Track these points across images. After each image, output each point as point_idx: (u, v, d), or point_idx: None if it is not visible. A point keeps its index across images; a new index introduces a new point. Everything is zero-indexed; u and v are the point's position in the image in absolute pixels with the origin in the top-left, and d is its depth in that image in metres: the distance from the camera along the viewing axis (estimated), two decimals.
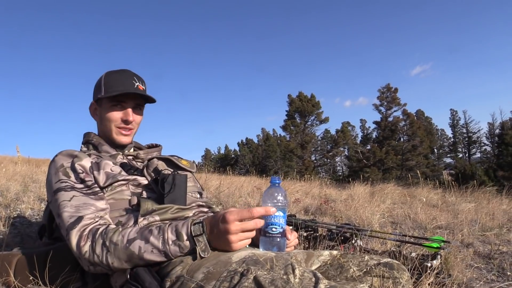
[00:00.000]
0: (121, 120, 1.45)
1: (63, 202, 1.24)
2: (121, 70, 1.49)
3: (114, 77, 1.46)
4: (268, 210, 1.12)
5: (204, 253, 1.07)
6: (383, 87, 27.99)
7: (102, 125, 1.49)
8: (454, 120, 48.42)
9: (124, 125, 1.46)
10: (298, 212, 3.91)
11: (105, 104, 1.45)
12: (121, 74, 1.47)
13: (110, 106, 1.45)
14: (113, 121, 1.45)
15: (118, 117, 1.45)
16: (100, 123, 1.50)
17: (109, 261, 1.13)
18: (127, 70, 1.50)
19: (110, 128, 1.46)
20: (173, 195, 1.31)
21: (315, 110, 29.34)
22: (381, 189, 6.38)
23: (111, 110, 1.44)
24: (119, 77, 1.45)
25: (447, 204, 5.16)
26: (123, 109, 1.45)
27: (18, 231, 2.20)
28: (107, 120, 1.45)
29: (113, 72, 1.48)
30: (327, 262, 1.24)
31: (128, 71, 1.49)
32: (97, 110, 1.50)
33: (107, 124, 1.46)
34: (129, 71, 1.50)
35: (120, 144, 1.49)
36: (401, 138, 28.31)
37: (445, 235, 3.15)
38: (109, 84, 1.44)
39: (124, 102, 1.45)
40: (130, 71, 1.50)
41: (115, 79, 1.45)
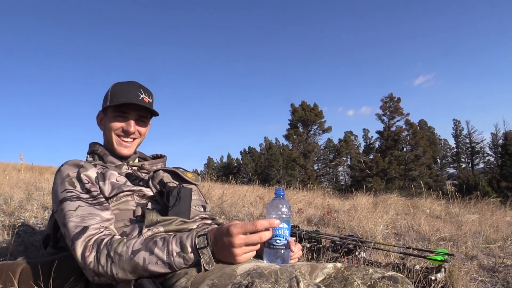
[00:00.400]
0: (122, 129, 1.47)
1: (69, 212, 1.24)
2: (129, 82, 1.52)
3: (120, 88, 1.48)
4: (272, 223, 1.12)
5: (209, 266, 1.07)
6: (386, 97, 28.01)
7: (105, 135, 1.51)
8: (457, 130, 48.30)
9: (125, 135, 1.48)
10: (301, 223, 3.90)
11: (110, 113, 1.48)
12: (127, 85, 1.49)
13: (114, 116, 1.47)
14: (113, 129, 1.47)
15: (119, 127, 1.47)
16: (104, 132, 1.52)
17: (114, 272, 1.13)
18: (134, 82, 1.52)
19: (112, 137, 1.48)
20: (178, 209, 1.31)
21: (318, 119, 29.35)
22: (384, 200, 6.36)
23: (114, 120, 1.47)
24: (125, 88, 1.47)
25: (450, 216, 5.13)
26: (126, 120, 1.48)
27: (22, 239, 2.20)
28: (109, 129, 1.48)
29: (120, 83, 1.50)
30: (331, 275, 1.23)
31: (135, 83, 1.52)
32: (103, 120, 1.52)
33: (109, 134, 1.48)
34: (136, 83, 1.52)
35: (121, 155, 1.50)
36: (404, 148, 28.24)
37: (449, 247, 3.14)
38: (115, 94, 1.46)
39: (127, 113, 1.47)
40: (137, 83, 1.52)
41: (121, 90, 1.47)
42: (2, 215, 2.81)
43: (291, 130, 29.65)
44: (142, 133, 1.53)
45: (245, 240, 1.08)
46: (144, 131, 1.54)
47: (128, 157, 1.53)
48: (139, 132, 1.52)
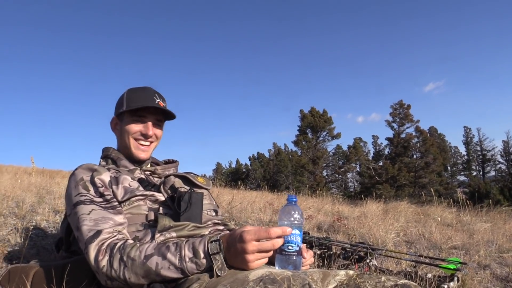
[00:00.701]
0: (141, 133, 1.49)
1: (82, 215, 1.25)
2: (143, 87, 1.54)
3: (136, 93, 1.50)
4: (285, 231, 1.11)
5: (221, 272, 1.07)
6: (395, 104, 27.88)
7: (121, 140, 1.52)
8: (468, 137, 47.87)
9: (143, 139, 1.50)
10: (311, 229, 3.89)
11: (126, 118, 1.49)
12: (143, 91, 1.51)
13: (131, 120, 1.49)
14: (132, 133, 1.48)
15: (137, 130, 1.49)
16: (120, 137, 1.53)
17: (127, 276, 1.13)
18: (149, 87, 1.54)
19: (129, 141, 1.49)
20: (189, 214, 1.32)
21: (327, 125, 29.29)
22: (394, 207, 6.31)
23: (133, 125, 1.49)
24: (141, 93, 1.50)
25: (462, 224, 5.07)
26: (144, 123, 1.49)
27: (34, 243, 2.22)
28: (126, 133, 1.49)
29: (135, 89, 1.52)
30: (343, 282, 1.22)
31: (150, 88, 1.54)
32: (118, 124, 1.54)
33: (126, 138, 1.49)
34: (151, 88, 1.54)
35: (138, 159, 1.51)
36: (414, 155, 28.03)
37: (461, 256, 3.10)
38: (131, 99, 1.48)
39: (144, 117, 1.49)
40: (151, 88, 1.55)
41: (137, 95, 1.49)
42: (14, 218, 2.84)
43: (300, 136, 29.62)
44: (159, 136, 1.55)
45: (258, 246, 1.08)
46: (160, 134, 1.56)
47: (144, 161, 1.54)
48: (156, 135, 1.54)
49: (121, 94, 1.54)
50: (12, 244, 2.19)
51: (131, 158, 1.51)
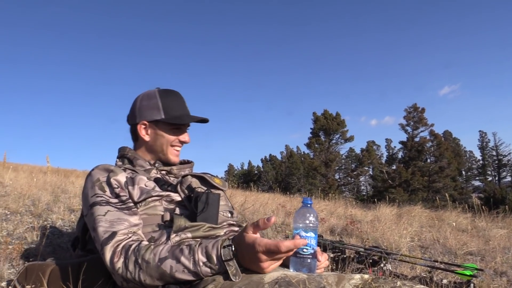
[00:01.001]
0: (179, 141, 1.54)
1: (98, 216, 1.26)
2: (173, 92, 1.57)
3: (170, 100, 1.53)
4: (298, 244, 1.09)
5: (235, 278, 1.06)
6: (409, 107, 27.59)
7: (154, 144, 1.53)
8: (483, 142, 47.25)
9: (179, 145, 1.55)
10: (324, 232, 3.86)
11: (164, 126, 1.52)
12: (176, 97, 1.56)
13: (170, 128, 1.52)
14: (171, 141, 1.53)
15: (175, 138, 1.53)
16: (153, 142, 1.54)
17: (142, 278, 1.14)
18: (177, 93, 1.58)
19: (166, 148, 1.53)
20: (206, 214, 1.32)
21: (340, 128, 29.13)
22: (408, 211, 6.23)
23: (172, 133, 1.53)
24: (176, 101, 1.54)
25: (477, 230, 4.99)
26: (182, 132, 1.55)
27: (50, 241, 2.24)
28: (165, 140, 1.52)
29: (166, 94, 1.54)
30: (358, 286, 1.21)
31: (179, 94, 1.58)
32: (149, 129, 1.54)
33: (163, 144, 1.52)
34: (179, 94, 1.58)
35: (173, 163, 1.55)
36: (427, 159, 27.72)
37: (477, 262, 3.05)
38: (169, 107, 1.51)
39: (182, 126, 1.55)
40: (179, 93, 1.58)
41: (173, 103, 1.53)
42: (31, 217, 2.88)
43: (312, 139, 29.49)
44: None
45: (271, 257, 1.06)
46: None
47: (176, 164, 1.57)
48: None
49: (149, 97, 1.53)
50: (28, 242, 2.22)
51: (161, 160, 1.55)
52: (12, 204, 3.08)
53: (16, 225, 2.55)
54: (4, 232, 2.40)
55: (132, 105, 1.57)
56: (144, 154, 1.55)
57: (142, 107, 1.53)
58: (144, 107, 1.53)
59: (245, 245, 1.08)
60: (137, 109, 1.54)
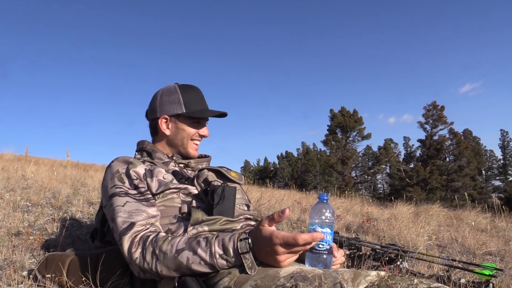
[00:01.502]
0: (198, 134, 1.57)
1: (117, 207, 1.28)
2: (193, 87, 1.59)
3: (190, 95, 1.55)
4: (316, 237, 1.10)
5: (251, 271, 1.07)
6: (429, 105, 27.19)
7: (174, 138, 1.55)
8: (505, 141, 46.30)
9: (199, 139, 1.58)
10: (340, 229, 3.85)
11: (185, 120, 1.54)
12: (196, 92, 1.58)
13: (191, 123, 1.55)
14: (191, 135, 1.55)
15: (195, 132, 1.56)
16: (173, 136, 1.56)
17: (158, 269, 1.15)
18: (197, 88, 1.60)
19: (187, 141, 1.55)
20: (222, 207, 1.33)
21: (357, 125, 28.88)
22: (425, 210, 6.15)
23: (192, 127, 1.55)
24: (196, 96, 1.56)
25: (497, 230, 4.90)
26: (201, 126, 1.57)
27: (69, 232, 2.29)
28: (186, 134, 1.54)
29: (186, 89, 1.56)
30: (374, 283, 1.20)
31: (198, 89, 1.60)
32: (170, 123, 1.56)
33: (184, 138, 1.54)
34: (198, 89, 1.60)
35: (191, 156, 1.57)
36: (446, 157, 27.29)
37: (497, 262, 2.99)
38: (189, 102, 1.53)
39: (202, 120, 1.57)
40: (198, 88, 1.60)
41: (193, 98, 1.55)
42: (51, 209, 2.94)
43: (329, 136, 29.33)
44: None
45: (288, 249, 1.07)
46: None
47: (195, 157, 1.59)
48: None
49: (169, 91, 1.55)
50: (49, 233, 2.27)
51: (181, 154, 1.57)
52: (34, 196, 3.16)
53: (37, 217, 2.61)
54: (25, 223, 2.46)
55: (152, 100, 1.59)
56: (163, 147, 1.57)
57: (163, 101, 1.55)
58: (165, 101, 1.54)
59: (262, 238, 1.09)
60: (158, 103, 1.55)
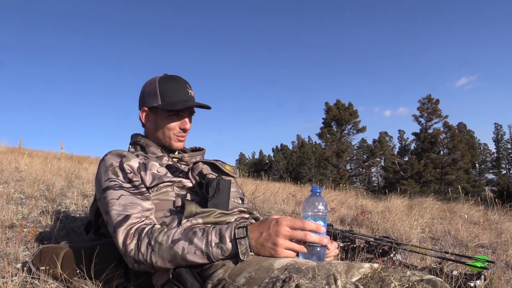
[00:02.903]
0: (179, 128, 1.50)
1: (112, 200, 1.28)
2: (174, 77, 1.52)
3: (169, 85, 1.48)
4: (319, 228, 1.15)
5: (244, 256, 1.09)
6: (423, 98, 27.21)
7: (156, 132, 1.52)
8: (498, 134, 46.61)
9: (180, 132, 1.51)
10: (334, 222, 3.87)
11: (162, 113, 1.48)
12: (175, 82, 1.50)
13: (168, 116, 1.48)
14: (171, 130, 1.49)
15: (176, 126, 1.49)
16: (154, 129, 1.52)
17: (153, 260, 1.16)
18: (179, 78, 1.52)
19: (169, 135, 1.50)
20: (217, 200, 1.33)
21: (352, 118, 28.88)
22: (419, 203, 6.19)
23: (170, 120, 1.48)
24: (174, 86, 1.48)
25: (489, 222, 4.94)
26: (181, 118, 1.50)
27: (63, 225, 2.28)
28: (165, 128, 1.49)
29: (166, 80, 1.50)
30: (368, 275, 1.22)
31: (180, 79, 1.52)
32: (150, 116, 1.52)
33: (164, 132, 1.50)
34: (181, 79, 1.53)
35: (176, 149, 1.54)
36: (441, 151, 27.42)
37: (489, 254, 3.03)
38: (165, 93, 1.46)
39: (182, 112, 1.49)
40: (182, 78, 1.53)
41: (170, 88, 1.47)
42: (45, 201, 2.93)
43: (324, 129, 29.30)
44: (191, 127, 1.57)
45: (291, 233, 1.11)
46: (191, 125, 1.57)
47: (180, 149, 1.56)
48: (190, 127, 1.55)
49: (150, 83, 1.51)
50: (43, 226, 2.27)
51: (165, 147, 1.53)
52: (27, 189, 3.14)
53: (31, 209, 2.60)
54: (19, 215, 2.45)
55: (140, 91, 1.57)
56: (153, 140, 1.55)
57: (144, 93, 1.52)
58: (145, 93, 1.51)
59: (269, 220, 1.15)
60: (141, 95, 1.53)
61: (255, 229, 1.14)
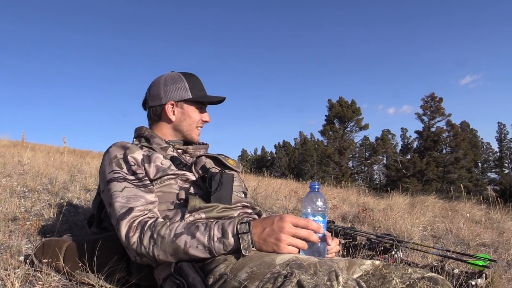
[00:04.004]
0: (202, 120, 1.59)
1: (115, 192, 1.28)
2: (193, 75, 1.61)
3: (194, 81, 1.58)
4: (319, 228, 1.17)
5: (246, 252, 1.09)
6: (427, 96, 27.10)
7: (179, 123, 1.56)
8: (502, 134, 46.45)
9: (201, 125, 1.60)
10: (336, 219, 3.87)
11: (191, 105, 1.56)
12: (197, 79, 1.61)
13: (195, 108, 1.57)
14: (196, 121, 1.57)
15: (199, 118, 1.58)
16: (179, 122, 1.56)
17: (155, 253, 1.16)
18: (196, 75, 1.62)
19: (192, 127, 1.57)
20: (220, 194, 1.33)
21: (355, 116, 28.83)
22: (421, 201, 6.19)
23: (196, 112, 1.57)
24: (199, 82, 1.60)
25: (491, 221, 4.94)
26: (203, 111, 1.60)
27: (66, 218, 2.29)
28: (191, 120, 1.56)
29: (189, 76, 1.59)
30: (369, 272, 1.22)
31: (197, 76, 1.62)
32: (175, 109, 1.56)
33: (190, 123, 1.56)
34: (197, 76, 1.62)
35: (195, 142, 1.60)
36: (443, 149, 27.35)
37: (490, 253, 3.02)
38: (194, 87, 1.56)
39: (204, 105, 1.60)
40: (197, 75, 1.63)
41: (197, 84, 1.58)
42: (48, 195, 2.94)
43: (327, 126, 29.26)
44: None
45: (295, 230, 1.13)
46: None
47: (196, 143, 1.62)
48: None
49: (172, 78, 1.56)
50: (45, 219, 2.28)
51: (186, 139, 1.59)
52: (30, 182, 3.15)
53: (33, 202, 2.61)
54: (22, 208, 2.46)
55: (153, 88, 1.57)
56: (163, 134, 1.57)
57: (168, 88, 1.54)
58: (170, 88, 1.54)
59: (272, 217, 1.16)
60: (162, 91, 1.54)
61: (258, 224, 1.15)
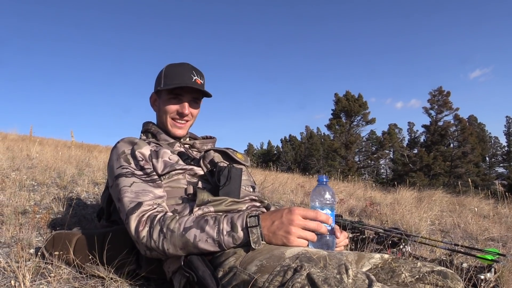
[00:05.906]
0: (177, 112, 1.50)
1: (124, 187, 1.29)
2: (181, 63, 1.52)
3: (173, 70, 1.49)
4: (328, 219, 1.17)
5: (256, 245, 1.09)
6: (434, 90, 26.85)
7: (159, 116, 1.55)
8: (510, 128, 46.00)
9: (179, 118, 1.51)
10: (343, 213, 3.86)
11: (164, 96, 1.50)
12: (180, 67, 1.50)
13: (168, 98, 1.50)
14: (169, 113, 1.50)
15: (174, 109, 1.50)
16: (158, 114, 1.55)
17: (165, 247, 1.17)
18: (186, 64, 1.53)
19: (166, 119, 1.51)
20: (228, 188, 1.33)
21: (362, 110, 28.66)
22: (429, 195, 6.16)
23: (169, 103, 1.49)
24: (178, 70, 1.49)
25: (499, 216, 4.91)
26: (180, 102, 1.50)
27: (75, 212, 2.31)
28: (164, 111, 1.51)
29: (173, 65, 1.52)
30: (378, 265, 1.22)
31: (187, 65, 1.52)
32: (157, 101, 1.55)
33: (163, 116, 1.51)
34: (188, 65, 1.52)
35: (175, 136, 1.53)
36: (451, 143, 27.15)
37: (499, 248, 3.01)
38: (168, 76, 1.48)
39: (181, 95, 1.49)
40: (189, 64, 1.53)
41: (174, 72, 1.48)
42: (56, 188, 2.97)
43: (333, 120, 29.12)
44: (194, 114, 1.56)
45: (305, 223, 1.12)
46: (196, 112, 1.56)
47: (182, 138, 1.56)
48: (192, 114, 1.54)
49: (160, 70, 1.54)
50: (55, 212, 2.29)
51: (168, 134, 1.54)
52: (39, 176, 3.18)
53: (43, 196, 2.64)
54: (31, 202, 2.48)
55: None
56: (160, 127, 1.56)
57: (156, 80, 1.55)
58: (156, 80, 1.54)
59: (281, 210, 1.16)
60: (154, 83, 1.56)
61: (267, 217, 1.14)
